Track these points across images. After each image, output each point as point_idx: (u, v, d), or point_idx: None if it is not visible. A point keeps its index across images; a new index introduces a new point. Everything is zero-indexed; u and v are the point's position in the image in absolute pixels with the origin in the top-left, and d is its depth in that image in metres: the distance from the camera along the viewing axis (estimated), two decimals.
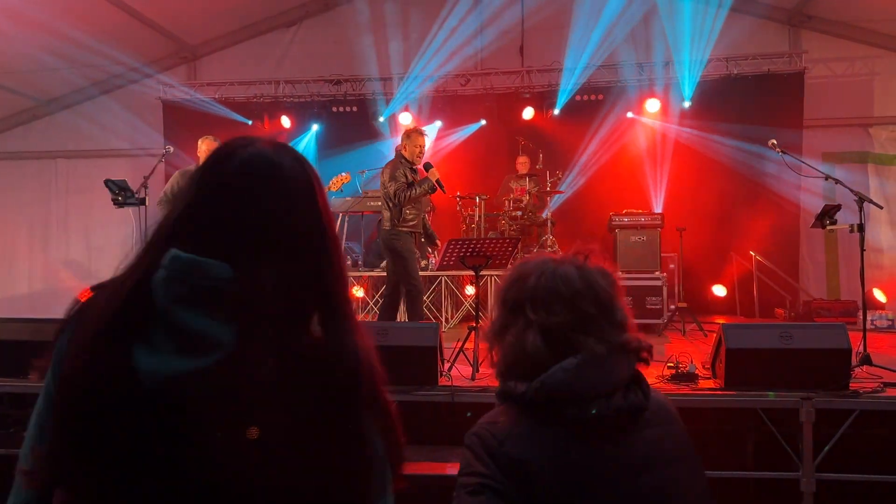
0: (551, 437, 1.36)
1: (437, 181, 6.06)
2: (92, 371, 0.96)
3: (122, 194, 6.18)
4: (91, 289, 1.08)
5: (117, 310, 0.98)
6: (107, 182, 6.20)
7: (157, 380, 0.94)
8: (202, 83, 10.69)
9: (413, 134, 6.30)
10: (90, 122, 11.02)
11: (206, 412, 0.95)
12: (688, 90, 9.61)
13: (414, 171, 6.23)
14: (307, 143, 10.53)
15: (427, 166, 6.16)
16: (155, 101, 10.59)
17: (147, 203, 6.30)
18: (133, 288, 0.99)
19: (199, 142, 6.69)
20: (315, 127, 10.53)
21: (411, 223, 6.25)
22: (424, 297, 8.41)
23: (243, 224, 1.02)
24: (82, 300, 1.07)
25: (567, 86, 9.73)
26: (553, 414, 1.37)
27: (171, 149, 7.06)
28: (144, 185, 6.31)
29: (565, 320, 1.38)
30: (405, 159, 6.23)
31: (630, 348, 1.42)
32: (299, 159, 1.10)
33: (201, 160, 6.71)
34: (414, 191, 6.08)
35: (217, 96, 10.46)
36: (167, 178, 8.45)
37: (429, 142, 10.36)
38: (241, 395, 0.96)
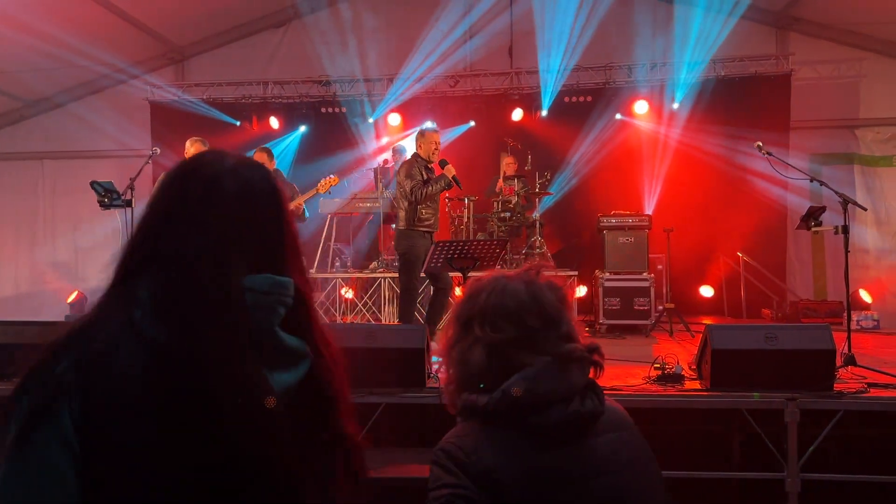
0: (514, 444, 1.40)
1: (454, 177, 6.05)
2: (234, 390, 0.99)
3: (108, 196, 6.14)
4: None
5: (235, 334, 1.01)
6: (93, 184, 6.16)
7: (278, 395, 1.03)
8: (190, 84, 10.65)
9: (428, 132, 6.30)
10: (77, 122, 10.95)
11: (300, 419, 1.05)
12: (676, 92, 9.67)
13: (430, 169, 6.23)
14: (290, 144, 10.49)
15: (443, 163, 6.13)
16: (142, 101, 10.53)
17: (133, 205, 6.26)
18: (234, 318, 1.01)
19: (188, 143, 6.67)
20: (302, 128, 10.50)
21: (427, 223, 6.21)
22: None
23: (275, 240, 1.11)
24: (70, 301, 1.10)
25: (548, 87, 9.75)
26: (514, 422, 1.41)
27: (158, 150, 7.02)
28: (131, 187, 6.27)
29: (509, 337, 1.43)
30: (420, 157, 6.24)
31: (575, 356, 1.45)
32: (269, 171, 1.19)
33: None
34: (430, 188, 6.08)
35: (205, 97, 10.42)
36: (154, 179, 8.41)
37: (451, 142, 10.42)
38: (323, 396, 1.09)
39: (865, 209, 5.75)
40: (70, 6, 8.67)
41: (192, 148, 6.60)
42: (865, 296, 9.15)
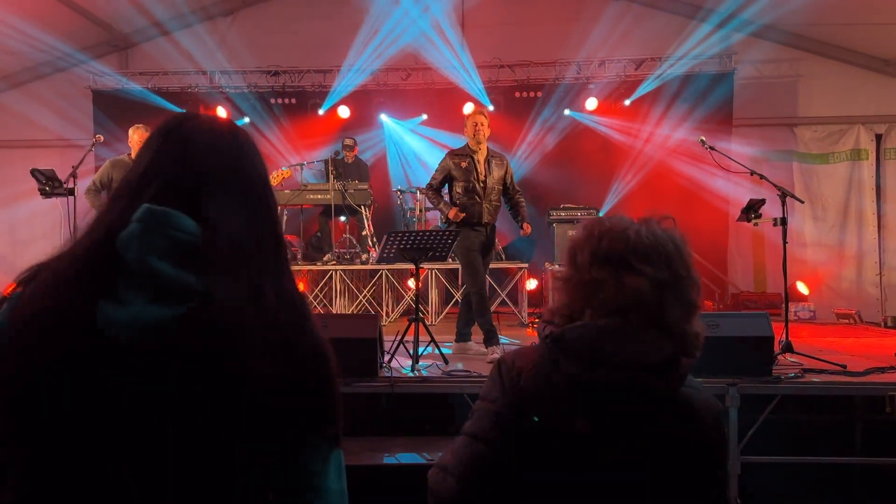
0: (560, 385, 1.39)
1: (452, 221, 5.71)
2: (53, 323, 0.97)
3: (49, 184, 5.96)
4: (18, 283, 1.06)
5: (81, 265, 1.00)
6: (33, 171, 5.98)
7: (132, 331, 0.97)
8: (134, 72, 10.40)
9: (470, 115, 5.86)
10: (16, 110, 10.57)
11: (186, 359, 0.98)
12: (625, 89, 9.87)
13: (467, 155, 5.75)
14: None
15: (462, 208, 5.68)
16: (85, 89, 10.24)
17: (76, 193, 6.09)
18: (97, 243, 1.02)
19: (131, 131, 6.52)
20: (246, 119, 10.35)
21: (465, 213, 5.69)
22: (365, 291, 8.41)
23: (200, 179, 1.09)
24: (6, 294, 1.06)
25: (476, 83, 9.85)
26: (566, 366, 1.39)
27: (101, 138, 6.85)
28: (73, 175, 6.10)
29: (664, 278, 1.36)
30: (466, 148, 5.81)
31: (674, 331, 1.38)
32: (237, 126, 1.21)
33: (134, 149, 6.51)
34: (431, 200, 5.94)
35: (150, 86, 10.19)
36: (97, 168, 8.20)
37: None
38: (220, 340, 1.00)
39: (803, 202, 5.97)
40: None
41: (135, 135, 6.46)
42: (803, 288, 9.49)
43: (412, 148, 10.58)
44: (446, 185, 5.87)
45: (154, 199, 1.04)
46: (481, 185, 5.69)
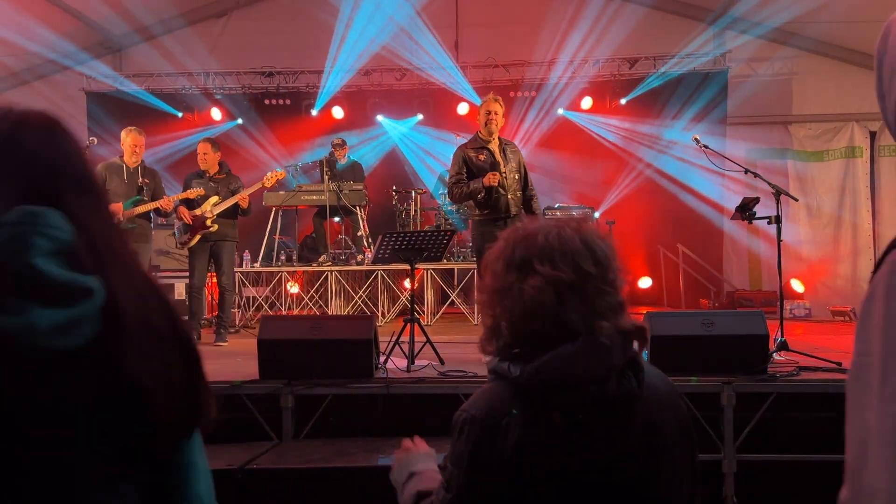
0: (543, 422, 1.40)
1: (490, 186, 5.31)
2: None
3: None
4: None
5: None
6: None
7: (29, 339, 0.93)
8: (128, 74, 10.37)
9: (483, 102, 5.54)
10: None
11: (91, 360, 0.98)
12: (618, 88, 9.89)
13: (482, 147, 5.48)
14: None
15: (493, 166, 5.36)
16: (78, 92, 10.21)
17: None
18: None
19: (123, 133, 6.50)
20: (240, 120, 10.34)
21: (485, 210, 5.46)
22: (361, 292, 8.40)
23: (48, 176, 1.05)
24: None
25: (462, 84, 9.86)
26: (545, 399, 1.40)
27: (95, 141, 6.83)
28: None
29: (568, 278, 1.39)
30: (475, 136, 5.58)
31: (626, 330, 1.43)
32: (56, 117, 1.16)
33: (126, 152, 6.47)
34: (465, 191, 5.41)
35: (144, 88, 10.16)
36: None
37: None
38: (124, 338, 0.99)
39: (797, 199, 5.98)
40: None
41: (128, 138, 6.44)
42: (798, 285, 9.50)
43: (408, 148, 10.56)
44: (450, 195, 5.63)
45: (10, 204, 0.99)
46: (503, 175, 5.39)
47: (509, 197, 5.41)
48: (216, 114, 10.27)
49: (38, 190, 1.03)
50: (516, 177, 5.50)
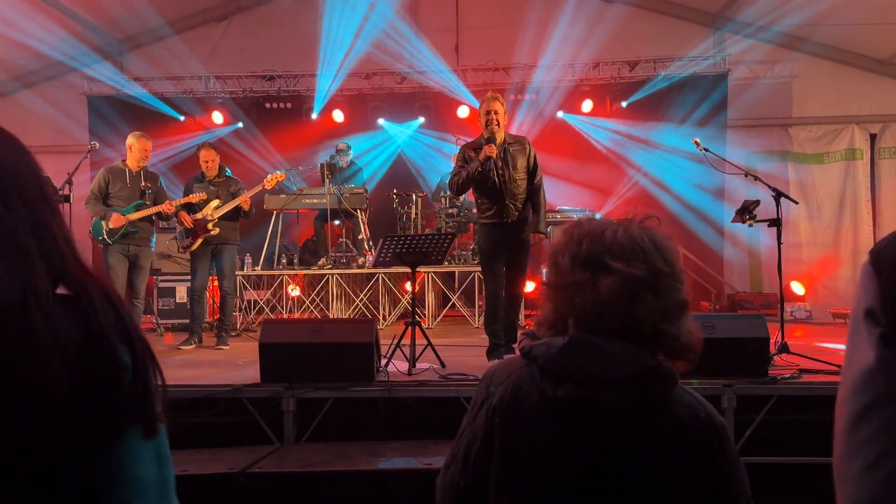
0: (530, 400, 1.38)
1: (487, 158, 5.02)
2: None
3: None
4: None
5: None
6: None
7: None
8: (129, 77, 10.38)
9: (483, 102, 5.28)
10: (11, 117, 10.53)
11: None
12: (618, 90, 9.90)
13: (482, 146, 5.19)
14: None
15: (488, 140, 5.13)
16: (80, 95, 10.23)
17: (72, 200, 6.08)
18: None
19: (132, 138, 6.51)
20: (241, 124, 10.36)
21: (487, 213, 5.26)
22: (362, 295, 8.41)
23: None
24: None
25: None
26: (535, 380, 1.38)
27: (97, 144, 6.84)
28: (69, 182, 6.09)
29: (644, 275, 1.34)
30: (479, 138, 5.31)
31: (647, 332, 1.35)
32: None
33: (133, 157, 6.48)
34: (460, 177, 5.15)
35: (145, 91, 10.17)
36: (93, 174, 8.20)
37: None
38: (13, 347, 0.94)
39: (797, 202, 5.98)
40: None
41: (137, 143, 6.44)
42: (798, 288, 9.51)
43: (409, 151, 10.58)
44: (449, 187, 5.51)
45: None
46: (500, 178, 5.13)
47: (507, 203, 5.17)
48: (217, 117, 10.28)
49: None
50: (520, 178, 5.22)
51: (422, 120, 10.39)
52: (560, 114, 10.12)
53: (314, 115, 10.28)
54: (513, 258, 5.31)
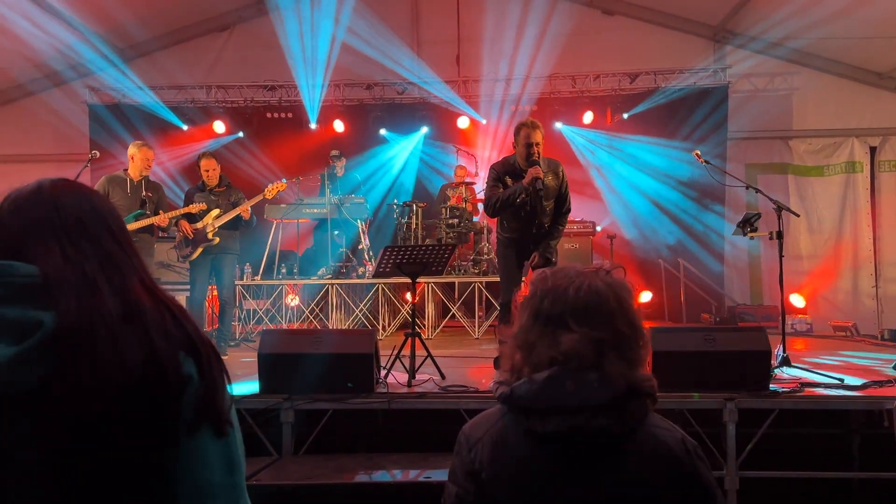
0: (518, 445, 1.40)
1: (533, 183, 4.84)
2: None
3: None
4: None
5: None
6: None
7: None
8: (130, 87, 10.39)
9: (522, 128, 5.02)
10: (13, 125, 10.59)
11: (45, 387, 1.02)
12: (620, 103, 9.92)
13: (520, 172, 5.02)
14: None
15: (531, 164, 4.92)
16: (81, 104, 10.24)
17: None
18: None
19: (133, 148, 6.49)
20: (241, 133, 10.36)
21: (510, 233, 5.20)
22: (362, 305, 8.39)
23: (17, 234, 1.16)
24: None
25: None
26: (520, 423, 1.40)
27: (97, 154, 6.83)
28: None
29: (606, 337, 1.38)
30: (511, 159, 5.15)
31: (620, 377, 1.37)
32: (46, 182, 1.26)
33: (136, 166, 6.45)
34: (500, 201, 4.96)
35: (146, 101, 10.19)
36: (93, 183, 8.19)
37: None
38: (80, 356, 1.04)
39: (798, 215, 5.97)
40: (2, 4, 8.38)
41: (139, 152, 6.43)
42: (799, 300, 9.49)
43: (410, 161, 10.58)
44: (486, 205, 5.26)
45: None
46: (529, 208, 4.99)
47: (534, 231, 5.09)
48: (219, 126, 10.30)
49: (8, 244, 1.15)
50: (549, 206, 5.09)
51: (424, 130, 10.39)
52: (558, 125, 10.12)
53: (314, 125, 10.29)
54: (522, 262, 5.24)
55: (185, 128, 10.34)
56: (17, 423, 1.01)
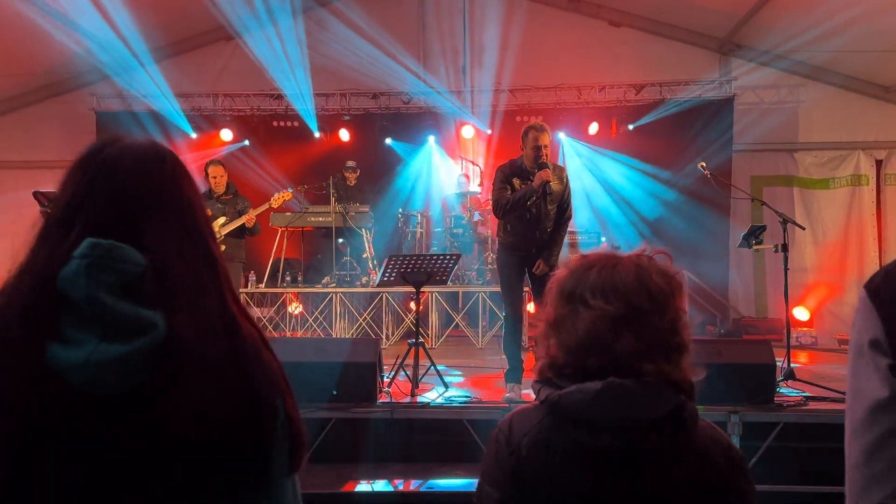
0: (562, 452, 1.35)
1: (543, 186, 4.90)
2: (7, 380, 0.92)
3: (52, 206, 5.95)
4: None
5: (24, 306, 0.95)
6: (35, 193, 5.98)
7: (88, 372, 0.92)
8: (138, 94, 10.45)
9: (530, 131, 5.08)
10: (19, 132, 10.63)
11: (151, 394, 0.94)
12: (624, 114, 9.94)
13: (527, 174, 5.08)
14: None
15: (541, 166, 4.99)
16: (88, 111, 10.29)
17: None
18: (38, 282, 0.96)
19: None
20: (248, 142, 10.41)
21: (512, 238, 5.19)
22: (365, 314, 8.39)
23: (131, 207, 1.04)
24: None
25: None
26: (568, 431, 1.35)
27: None
28: None
29: (619, 312, 1.34)
30: (518, 162, 5.18)
31: (671, 379, 1.34)
32: (162, 146, 1.14)
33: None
34: (510, 202, 4.98)
35: (153, 109, 10.23)
36: None
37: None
38: (185, 372, 0.96)
39: (804, 228, 5.96)
40: (11, 12, 8.44)
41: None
42: (804, 313, 9.46)
43: (416, 170, 10.59)
44: (496, 208, 5.22)
45: (87, 232, 0.99)
46: (535, 210, 5.02)
47: (537, 235, 5.07)
48: (227, 134, 10.33)
49: (123, 216, 1.03)
50: (552, 210, 5.11)
51: (431, 139, 10.40)
52: (562, 134, 10.12)
53: (316, 135, 10.33)
54: (534, 281, 5.16)
55: (194, 135, 10.38)
56: (97, 427, 0.93)
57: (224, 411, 0.98)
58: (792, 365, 5.04)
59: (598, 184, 10.12)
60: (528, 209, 4.99)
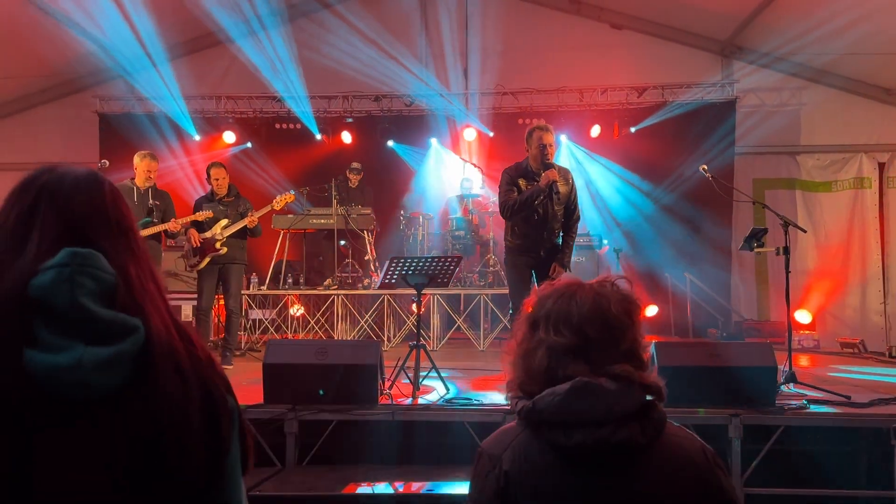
0: (542, 458, 1.39)
1: (551, 185, 4.95)
2: None
3: None
4: None
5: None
6: None
7: (80, 374, 0.96)
8: (140, 97, 10.47)
9: (535, 131, 5.18)
10: (22, 134, 10.66)
11: (138, 396, 1.00)
12: (625, 117, 9.94)
13: (533, 175, 5.17)
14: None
15: (547, 166, 5.04)
16: (91, 114, 10.31)
17: None
18: (5, 293, 0.99)
19: (137, 158, 6.54)
20: (250, 144, 10.43)
21: (519, 240, 5.27)
22: (367, 316, 8.39)
23: (83, 221, 1.10)
24: None
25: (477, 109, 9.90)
26: (544, 436, 1.40)
27: (107, 163, 6.88)
28: None
29: (569, 343, 1.40)
30: (523, 164, 5.25)
31: (633, 379, 1.39)
32: (100, 173, 1.22)
33: (139, 176, 6.51)
34: (517, 202, 5.01)
35: (156, 111, 10.26)
36: None
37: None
38: (165, 373, 1.02)
39: (805, 231, 5.96)
40: (15, 14, 8.46)
41: (141, 163, 6.47)
42: (806, 316, 9.44)
43: (421, 173, 10.59)
44: (503, 209, 5.32)
45: (44, 244, 1.04)
46: (542, 211, 5.07)
47: (545, 235, 5.12)
48: (230, 136, 10.35)
49: (72, 231, 1.08)
50: (560, 211, 5.16)
51: (432, 142, 10.41)
52: (564, 137, 10.12)
53: (318, 137, 10.35)
54: (542, 282, 5.15)
55: (197, 137, 10.39)
56: (83, 430, 0.97)
57: (192, 410, 1.03)
58: (793, 368, 5.03)
59: (596, 187, 10.11)
60: (535, 210, 5.02)
